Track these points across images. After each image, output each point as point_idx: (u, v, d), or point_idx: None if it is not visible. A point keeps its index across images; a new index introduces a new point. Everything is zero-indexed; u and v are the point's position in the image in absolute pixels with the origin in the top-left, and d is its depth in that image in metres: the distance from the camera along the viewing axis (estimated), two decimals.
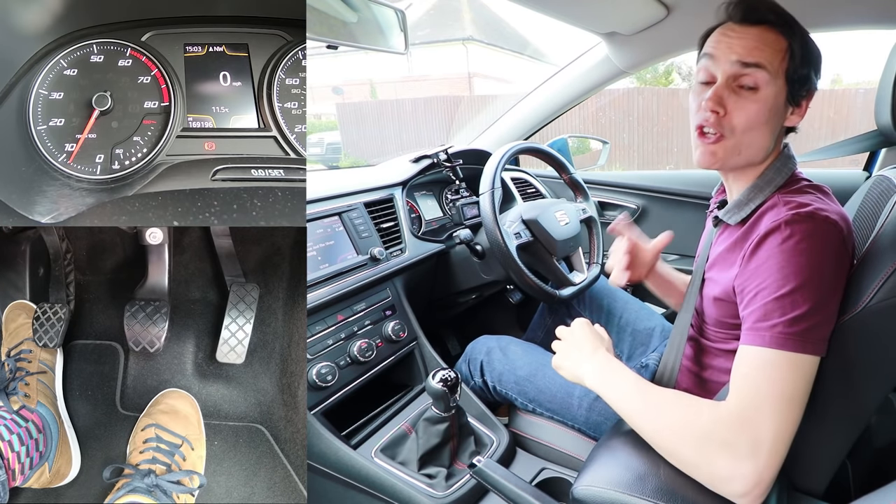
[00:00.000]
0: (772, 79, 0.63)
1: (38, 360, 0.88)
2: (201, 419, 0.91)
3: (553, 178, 1.65)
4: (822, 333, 0.57)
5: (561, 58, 6.61)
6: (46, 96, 0.78)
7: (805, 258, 0.57)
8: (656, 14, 1.16)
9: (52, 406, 0.86)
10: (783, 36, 0.64)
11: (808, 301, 0.56)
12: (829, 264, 0.58)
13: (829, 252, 0.58)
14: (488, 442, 0.91)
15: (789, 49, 0.63)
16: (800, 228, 0.58)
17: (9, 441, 0.73)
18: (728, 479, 0.56)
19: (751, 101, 0.64)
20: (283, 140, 0.82)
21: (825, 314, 0.57)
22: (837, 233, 0.59)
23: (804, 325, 0.56)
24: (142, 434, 0.84)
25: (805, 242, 0.58)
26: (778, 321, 0.57)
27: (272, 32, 0.84)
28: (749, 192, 0.69)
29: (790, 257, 0.58)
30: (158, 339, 0.90)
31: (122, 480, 0.77)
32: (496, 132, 1.68)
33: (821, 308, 0.57)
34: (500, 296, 1.44)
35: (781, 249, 0.58)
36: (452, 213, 1.32)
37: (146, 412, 0.89)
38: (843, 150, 1.08)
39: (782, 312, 0.57)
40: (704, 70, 0.67)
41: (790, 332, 0.56)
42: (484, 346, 1.05)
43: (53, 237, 0.97)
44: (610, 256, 0.94)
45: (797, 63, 0.64)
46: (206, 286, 1.01)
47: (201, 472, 0.85)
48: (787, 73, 0.64)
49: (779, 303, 0.57)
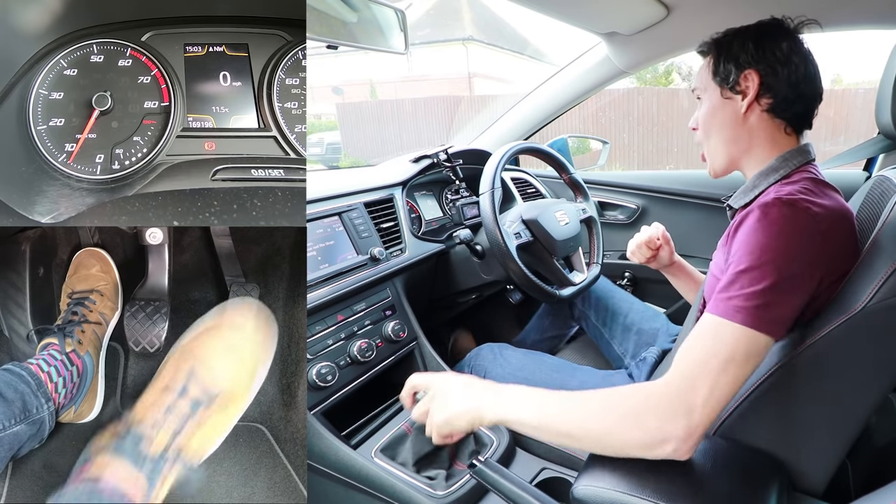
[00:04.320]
0: (704, 89, 0.77)
1: (99, 312, 0.90)
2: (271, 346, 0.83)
3: (553, 178, 1.65)
4: (779, 314, 0.58)
5: (561, 58, 6.62)
6: (46, 96, 0.78)
7: (774, 240, 0.59)
8: (656, 14, 1.16)
9: (96, 357, 0.88)
10: (710, 55, 0.76)
11: (769, 278, 0.57)
12: (800, 251, 0.59)
13: (800, 239, 0.59)
14: (488, 442, 0.91)
15: (710, 61, 0.75)
16: (776, 212, 0.60)
17: (55, 383, 0.76)
18: (661, 443, 0.56)
19: (700, 110, 0.78)
20: (283, 140, 0.82)
21: (786, 297, 0.58)
22: (816, 223, 0.60)
23: (760, 301, 0.57)
24: (171, 366, 0.76)
25: (777, 225, 0.59)
26: (735, 294, 0.58)
27: (272, 32, 0.84)
28: (756, 178, 0.73)
29: (760, 237, 0.59)
30: (158, 339, 0.90)
31: (109, 432, 0.70)
32: (496, 132, 1.68)
33: (782, 290, 0.58)
34: (500, 296, 1.44)
35: (755, 229, 0.60)
36: (452, 213, 1.32)
37: (194, 328, 0.80)
38: (850, 157, 1.09)
39: (741, 286, 0.58)
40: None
41: (744, 306, 0.57)
42: (486, 353, 1.08)
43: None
44: (641, 232, 1.05)
45: (717, 66, 0.74)
46: (206, 286, 1.01)
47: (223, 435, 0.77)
48: (713, 77, 0.75)
49: (740, 276, 0.59)
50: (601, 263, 1.24)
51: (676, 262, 1.08)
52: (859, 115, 5.52)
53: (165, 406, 0.72)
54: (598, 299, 1.22)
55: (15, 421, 0.68)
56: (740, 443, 0.67)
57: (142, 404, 0.74)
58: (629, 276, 1.57)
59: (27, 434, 0.70)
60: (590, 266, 1.23)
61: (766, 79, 0.71)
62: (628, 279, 1.57)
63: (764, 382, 0.64)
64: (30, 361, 0.77)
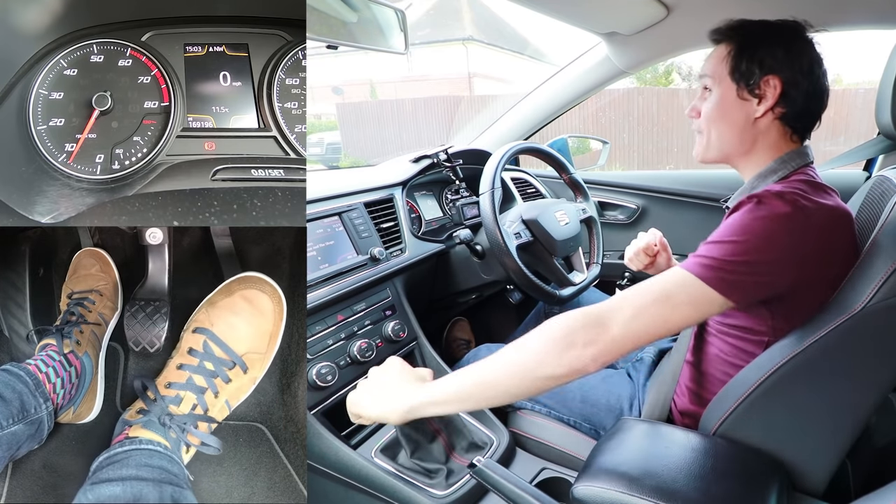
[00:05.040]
0: (717, 81, 0.74)
1: (98, 312, 0.89)
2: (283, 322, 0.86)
3: (553, 178, 1.65)
4: (739, 282, 0.58)
5: (561, 58, 6.61)
6: (46, 96, 0.78)
7: (756, 223, 0.60)
8: (656, 14, 1.16)
9: (95, 358, 0.87)
10: (726, 44, 0.74)
11: (741, 255, 0.58)
12: (780, 237, 0.59)
13: (782, 226, 0.59)
14: (488, 442, 0.91)
15: (730, 53, 0.73)
16: (765, 203, 0.61)
17: (54, 383, 0.76)
18: (567, 348, 0.57)
19: (708, 101, 0.75)
20: (283, 140, 0.82)
21: (752, 274, 0.59)
22: (805, 216, 0.60)
23: (725, 267, 0.58)
24: (190, 338, 0.81)
25: (762, 211, 0.60)
26: (702, 254, 0.60)
27: (272, 32, 0.84)
28: (754, 180, 0.74)
29: (744, 219, 0.61)
30: (158, 339, 0.90)
31: (136, 407, 0.76)
32: (496, 132, 1.68)
33: (751, 266, 0.58)
34: (500, 296, 1.44)
35: (741, 214, 0.62)
36: (452, 213, 1.32)
37: (209, 301, 0.86)
38: (850, 158, 1.09)
39: (709, 251, 0.60)
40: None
41: (707, 264, 0.59)
42: (484, 353, 1.07)
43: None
44: (639, 239, 1.04)
45: (738, 62, 0.72)
46: (206, 286, 1.01)
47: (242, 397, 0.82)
48: (731, 73, 0.72)
49: (714, 245, 0.60)
50: (601, 263, 1.24)
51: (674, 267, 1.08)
52: (859, 115, 5.53)
53: (190, 369, 0.77)
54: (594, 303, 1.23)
55: (13, 420, 0.68)
56: (740, 443, 0.67)
57: (167, 369, 0.79)
58: (629, 277, 1.57)
59: (26, 434, 0.70)
60: (590, 266, 1.23)
61: (788, 87, 0.69)
62: (628, 279, 1.57)
63: (764, 382, 0.64)
64: (28, 362, 0.77)
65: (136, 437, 0.70)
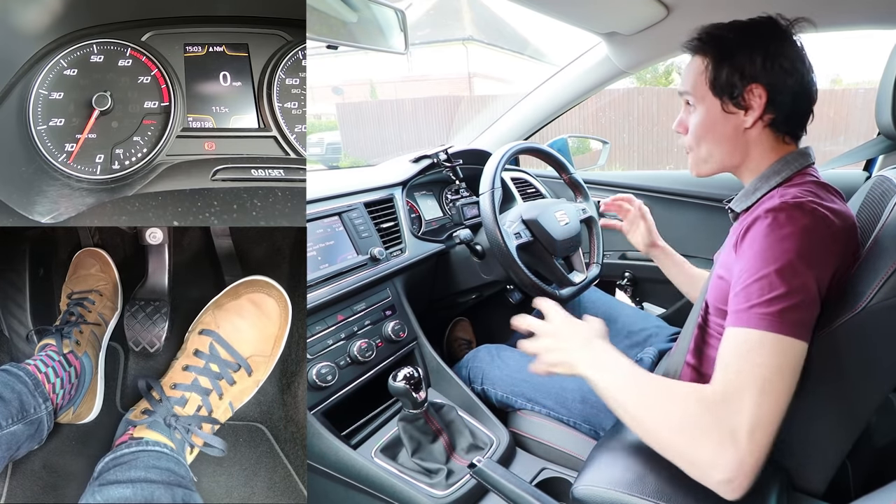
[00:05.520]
0: (699, 98, 0.73)
1: (98, 312, 0.89)
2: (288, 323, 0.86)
3: (553, 178, 1.65)
4: (802, 317, 0.57)
5: (561, 58, 6.61)
6: (46, 96, 0.78)
7: (786, 243, 0.58)
8: (656, 14, 1.16)
9: (95, 358, 0.87)
10: (702, 56, 0.72)
11: (786, 283, 0.56)
12: (812, 252, 0.58)
13: (812, 240, 0.58)
14: (488, 442, 0.91)
15: (707, 67, 0.71)
16: (784, 215, 0.59)
17: (53, 383, 0.76)
18: (709, 467, 0.54)
19: (693, 117, 0.75)
20: (283, 140, 0.82)
21: (804, 298, 0.57)
22: (827, 225, 0.59)
23: (781, 306, 0.56)
24: (196, 340, 0.81)
25: (787, 228, 0.59)
26: (756, 301, 0.57)
27: (272, 32, 0.84)
28: (756, 182, 0.73)
29: (772, 242, 0.59)
30: (158, 339, 0.90)
31: (141, 408, 0.76)
32: (496, 132, 1.68)
33: (799, 291, 0.57)
34: (500, 296, 1.44)
35: (764, 234, 0.60)
36: (452, 213, 1.32)
37: (215, 303, 0.87)
38: (851, 158, 1.09)
39: (760, 293, 0.57)
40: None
41: (767, 312, 0.56)
42: (484, 354, 1.07)
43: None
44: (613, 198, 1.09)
45: (717, 74, 0.70)
46: (206, 286, 1.01)
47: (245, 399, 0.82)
48: (711, 87, 0.71)
49: (757, 284, 0.58)
50: (601, 263, 1.24)
51: (661, 245, 1.09)
52: (859, 115, 5.52)
53: (195, 371, 0.77)
54: (593, 303, 1.23)
55: (12, 420, 0.68)
56: None
57: (173, 370, 0.79)
58: (629, 277, 1.58)
59: (25, 434, 0.70)
60: (590, 266, 1.23)
61: (773, 94, 0.68)
62: (628, 279, 1.57)
63: None
64: (27, 362, 0.77)
65: (142, 437, 0.70)
